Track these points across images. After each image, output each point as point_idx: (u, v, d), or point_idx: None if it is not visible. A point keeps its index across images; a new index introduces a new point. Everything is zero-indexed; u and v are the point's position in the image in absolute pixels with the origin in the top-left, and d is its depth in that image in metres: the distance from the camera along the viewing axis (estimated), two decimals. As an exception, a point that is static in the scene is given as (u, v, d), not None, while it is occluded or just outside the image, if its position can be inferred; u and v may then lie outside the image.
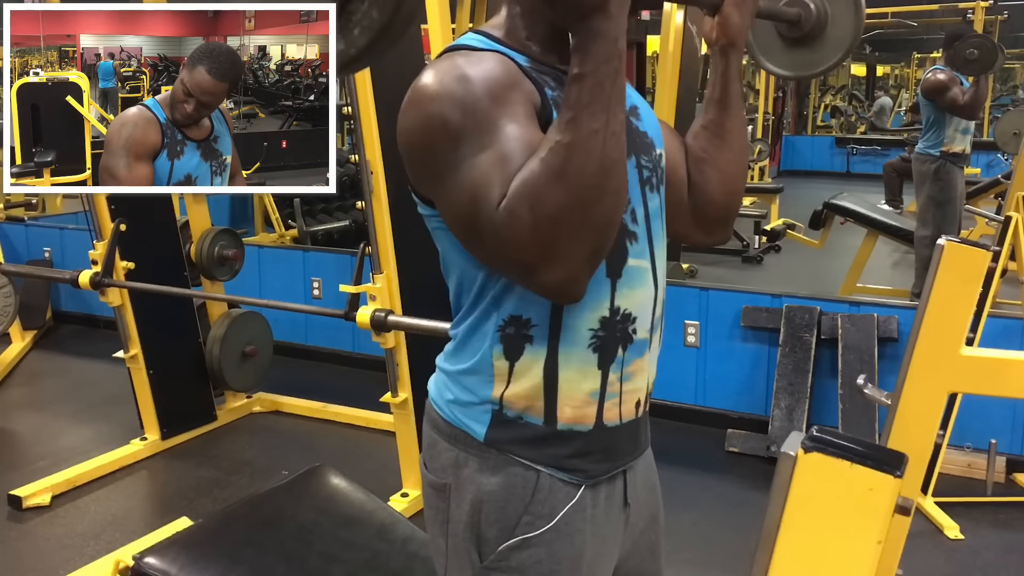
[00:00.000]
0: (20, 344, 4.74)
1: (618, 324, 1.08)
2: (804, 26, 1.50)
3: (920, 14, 10.71)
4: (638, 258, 1.09)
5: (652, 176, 1.13)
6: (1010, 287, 4.08)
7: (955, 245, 1.53)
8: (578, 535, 1.10)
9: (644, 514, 1.23)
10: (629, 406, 1.12)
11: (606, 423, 1.10)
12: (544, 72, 1.05)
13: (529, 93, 1.01)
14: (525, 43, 1.08)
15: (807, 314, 3.57)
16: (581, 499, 1.10)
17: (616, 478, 1.15)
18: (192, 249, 3.72)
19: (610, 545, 1.17)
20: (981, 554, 2.82)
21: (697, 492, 3.23)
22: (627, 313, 1.08)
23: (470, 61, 1.00)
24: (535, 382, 1.07)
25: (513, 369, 1.07)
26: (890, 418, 1.59)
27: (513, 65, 1.03)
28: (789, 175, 11.61)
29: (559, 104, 0.99)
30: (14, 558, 2.78)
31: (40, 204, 6.19)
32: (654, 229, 1.12)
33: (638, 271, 1.09)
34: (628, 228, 1.07)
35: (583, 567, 1.11)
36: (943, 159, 4.70)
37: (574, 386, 1.07)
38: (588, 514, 1.11)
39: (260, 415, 3.95)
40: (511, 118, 0.96)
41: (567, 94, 0.92)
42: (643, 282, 1.10)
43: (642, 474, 1.22)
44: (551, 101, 1.02)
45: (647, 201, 1.12)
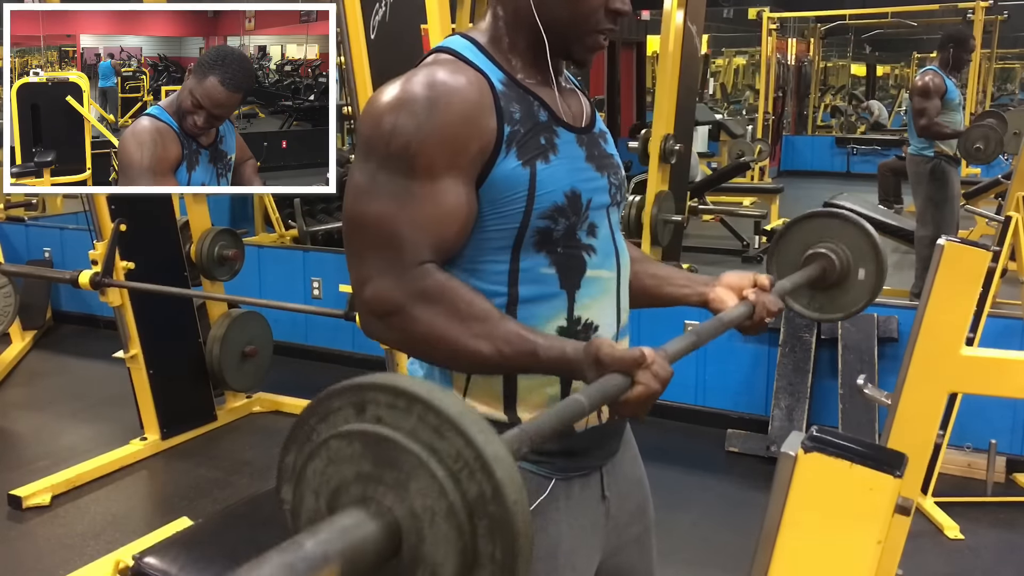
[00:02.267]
0: (20, 344, 4.73)
1: (579, 333, 1.10)
2: (828, 279, 1.48)
3: (920, 14, 10.70)
4: (598, 268, 1.12)
5: (617, 193, 1.19)
6: (1010, 287, 4.07)
7: (955, 245, 1.53)
8: (552, 526, 1.11)
9: (628, 507, 1.24)
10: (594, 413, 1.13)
11: (575, 428, 1.11)
12: (516, 98, 1.07)
13: (485, 136, 1.03)
14: (507, 56, 1.10)
15: (807, 314, 3.56)
16: (553, 491, 1.11)
17: (591, 473, 1.17)
18: (192, 249, 3.72)
19: (589, 537, 1.17)
20: (981, 554, 2.82)
21: (697, 492, 3.23)
22: (588, 322, 1.11)
23: (450, 82, 1.03)
24: (493, 390, 1.09)
25: (470, 379, 1.10)
26: (890, 418, 1.59)
27: (487, 92, 1.05)
28: (789, 175, 11.60)
29: (512, 141, 1.04)
30: (14, 558, 2.78)
31: (40, 204, 6.19)
32: (618, 241, 1.17)
33: (598, 281, 1.12)
34: (584, 242, 1.11)
35: (559, 557, 1.12)
36: (937, 159, 4.69)
37: (533, 392, 1.09)
38: (561, 504, 1.12)
39: (260, 415, 3.94)
40: (452, 174, 1.01)
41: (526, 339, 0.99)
42: (604, 291, 1.13)
43: (626, 467, 1.24)
44: (505, 138, 1.04)
45: (611, 216, 1.17)
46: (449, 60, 1.07)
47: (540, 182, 1.04)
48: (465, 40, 1.11)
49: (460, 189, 1.02)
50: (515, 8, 1.09)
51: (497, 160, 1.03)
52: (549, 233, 1.07)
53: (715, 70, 15.55)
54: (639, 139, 4.52)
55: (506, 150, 1.03)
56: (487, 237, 1.05)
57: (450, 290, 0.99)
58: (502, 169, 1.03)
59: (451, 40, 1.12)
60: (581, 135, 1.13)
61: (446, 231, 1.01)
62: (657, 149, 4.30)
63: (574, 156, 1.11)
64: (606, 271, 1.13)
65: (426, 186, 1.00)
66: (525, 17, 1.08)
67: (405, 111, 1.00)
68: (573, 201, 1.08)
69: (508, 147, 1.03)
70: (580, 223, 1.09)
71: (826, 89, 15.04)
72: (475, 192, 1.03)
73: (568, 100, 1.15)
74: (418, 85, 1.01)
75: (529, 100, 1.08)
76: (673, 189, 4.51)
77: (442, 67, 1.04)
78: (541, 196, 1.05)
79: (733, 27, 14.34)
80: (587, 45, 1.10)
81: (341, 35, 2.93)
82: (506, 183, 1.03)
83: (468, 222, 1.03)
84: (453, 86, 1.02)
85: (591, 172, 1.13)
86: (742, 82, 16.45)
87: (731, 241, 6.96)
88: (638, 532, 1.27)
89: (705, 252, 6.55)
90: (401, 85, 1.02)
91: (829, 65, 15.61)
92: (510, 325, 1.00)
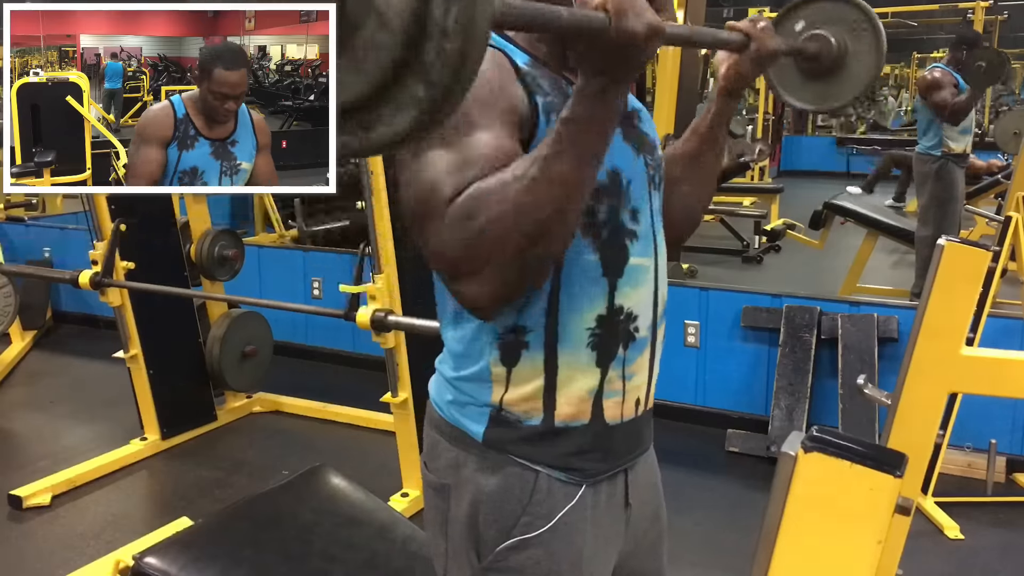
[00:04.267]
0: (20, 344, 4.74)
1: (620, 323, 1.08)
2: (824, 61, 1.47)
3: (920, 14, 10.72)
4: (640, 256, 1.10)
5: (656, 175, 1.15)
6: (1010, 287, 4.08)
7: (955, 245, 1.53)
8: (577, 535, 1.10)
9: (646, 513, 1.23)
10: (630, 404, 1.13)
11: (608, 421, 1.11)
12: (542, 76, 1.06)
13: (516, 100, 1.01)
14: (534, 43, 1.09)
15: (807, 314, 3.57)
16: (581, 499, 1.10)
17: (617, 477, 1.15)
18: (192, 249, 3.72)
19: (610, 545, 1.17)
20: (981, 554, 2.82)
21: (698, 492, 3.23)
22: (629, 312, 1.09)
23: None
24: (534, 385, 1.07)
25: (511, 374, 1.07)
26: (890, 418, 1.59)
27: (509, 67, 1.03)
28: (789, 175, 11.60)
29: (550, 111, 1.01)
30: (14, 558, 2.78)
31: (40, 204, 6.19)
32: (657, 227, 1.14)
33: (639, 269, 1.10)
34: (627, 227, 1.08)
35: (583, 566, 1.11)
36: (944, 159, 4.69)
37: (572, 384, 1.07)
38: (588, 514, 1.11)
39: (260, 415, 3.94)
40: (486, 126, 0.97)
41: (556, 131, 0.91)
42: (644, 280, 1.11)
43: (644, 473, 1.22)
44: (541, 108, 1.02)
45: (652, 200, 1.14)
46: None
47: None
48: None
49: (504, 138, 0.97)
50: None
51: (539, 129, 1.01)
52: (593, 215, 1.04)
53: (715, 70, 15.53)
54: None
55: (547, 119, 1.01)
56: None
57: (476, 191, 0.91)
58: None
59: None
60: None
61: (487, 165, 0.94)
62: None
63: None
64: (646, 259, 1.11)
65: (468, 138, 0.95)
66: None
67: None
68: (614, 180, 1.06)
69: (547, 116, 1.01)
70: (622, 206, 1.07)
71: (826, 89, 15.01)
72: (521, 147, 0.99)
73: None
74: None
75: (555, 78, 1.07)
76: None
77: None
78: None
79: (733, 27, 14.32)
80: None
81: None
82: None
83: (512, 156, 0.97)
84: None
85: (629, 153, 1.11)
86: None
87: (731, 241, 6.96)
88: (653, 537, 1.27)
89: (705, 252, 6.55)
90: None
91: (829, 65, 15.59)
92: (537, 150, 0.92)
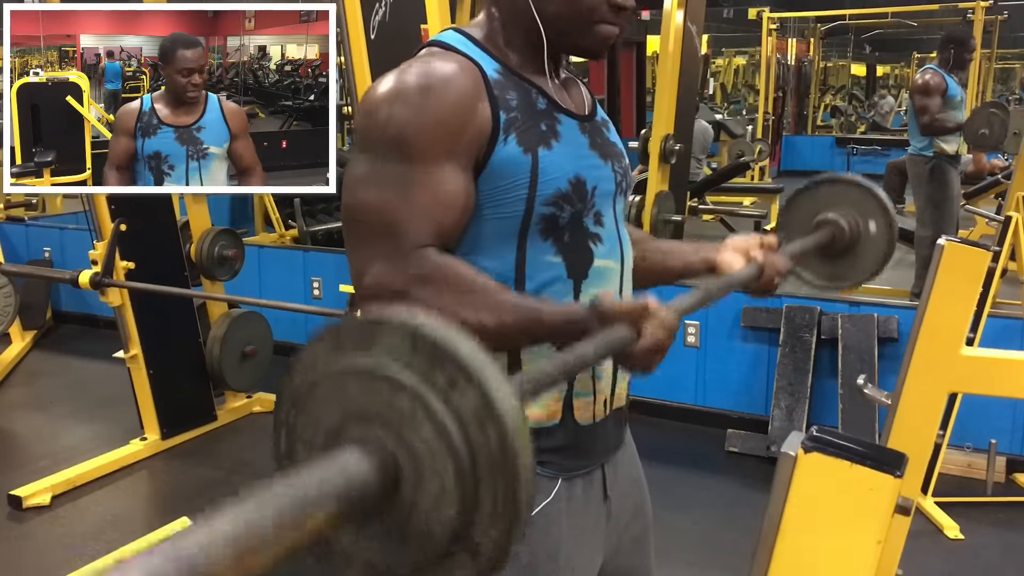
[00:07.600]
0: (20, 344, 4.73)
1: None
2: (837, 246, 1.47)
3: (920, 14, 10.71)
4: (605, 259, 1.12)
5: (623, 181, 1.19)
6: (1010, 287, 4.08)
7: (955, 245, 1.53)
8: (554, 527, 1.11)
9: (627, 507, 1.24)
10: (600, 405, 1.14)
11: (580, 422, 1.12)
12: (511, 87, 1.07)
13: (481, 122, 1.03)
14: (504, 50, 1.11)
15: (807, 314, 3.57)
16: (557, 493, 1.11)
17: (593, 472, 1.16)
18: (192, 249, 3.72)
19: (591, 538, 1.17)
20: (981, 554, 2.82)
21: (697, 492, 3.23)
22: None
23: (443, 69, 1.03)
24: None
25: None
26: (890, 418, 1.59)
27: (479, 79, 1.05)
28: (789, 175, 11.58)
29: (511, 128, 1.04)
30: (14, 558, 2.78)
31: (40, 204, 6.19)
32: (622, 231, 1.17)
33: (605, 271, 1.12)
34: (591, 231, 1.11)
35: (560, 559, 1.12)
36: (937, 159, 4.69)
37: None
38: (564, 506, 1.12)
39: (260, 415, 3.94)
40: (449, 157, 1.01)
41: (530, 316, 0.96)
42: (609, 282, 1.13)
43: (624, 467, 1.23)
44: (502, 126, 1.04)
45: (615, 205, 1.16)
46: (441, 51, 1.08)
47: (543, 168, 1.04)
48: (458, 34, 1.11)
49: (458, 175, 1.01)
50: (512, 8, 1.09)
51: (496, 147, 1.03)
52: (555, 220, 1.06)
53: (715, 70, 15.55)
54: (639, 139, 4.53)
55: (504, 137, 1.03)
56: (491, 225, 1.05)
57: (450, 268, 0.98)
58: (502, 155, 1.03)
59: (444, 34, 1.13)
60: (583, 123, 1.13)
61: (444, 216, 1.01)
62: (657, 149, 4.30)
63: (577, 143, 1.10)
64: (612, 261, 1.13)
65: (423, 172, 0.99)
66: (523, 15, 1.08)
67: (400, 101, 1.00)
68: (578, 187, 1.08)
69: (506, 133, 1.03)
70: (586, 211, 1.09)
71: (826, 89, 15.05)
72: (473, 179, 1.03)
73: (569, 89, 1.16)
74: (412, 75, 1.02)
75: (526, 88, 1.08)
76: (673, 189, 4.52)
77: (435, 58, 1.05)
78: (544, 182, 1.04)
79: (733, 27, 14.36)
80: (596, 36, 1.09)
81: (341, 35, 2.93)
82: (507, 170, 1.03)
83: (467, 208, 1.03)
84: (446, 74, 1.02)
85: (595, 159, 1.12)
86: (742, 82, 16.45)
87: (731, 241, 6.96)
88: (637, 532, 1.27)
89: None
90: (395, 77, 1.03)
91: (829, 65, 15.62)
92: (510, 296, 0.99)
